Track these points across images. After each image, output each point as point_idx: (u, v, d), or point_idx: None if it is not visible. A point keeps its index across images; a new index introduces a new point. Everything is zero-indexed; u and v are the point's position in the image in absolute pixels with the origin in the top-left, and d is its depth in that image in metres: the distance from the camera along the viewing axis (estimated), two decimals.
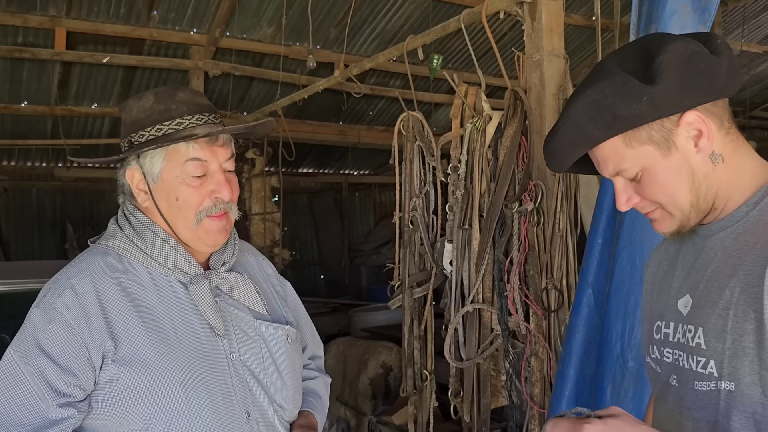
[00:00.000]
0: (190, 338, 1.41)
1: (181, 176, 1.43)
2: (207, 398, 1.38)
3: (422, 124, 3.19)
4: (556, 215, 2.51)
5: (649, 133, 1.11)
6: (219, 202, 1.46)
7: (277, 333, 1.55)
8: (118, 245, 1.46)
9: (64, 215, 9.22)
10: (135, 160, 1.46)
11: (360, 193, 11.87)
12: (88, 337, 1.33)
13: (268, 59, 6.51)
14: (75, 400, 1.32)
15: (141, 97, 1.49)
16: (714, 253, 1.13)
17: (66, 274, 1.41)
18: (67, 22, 5.58)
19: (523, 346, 2.62)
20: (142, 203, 1.49)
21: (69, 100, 6.66)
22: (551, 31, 2.54)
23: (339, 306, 8.53)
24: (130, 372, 1.34)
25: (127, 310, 1.38)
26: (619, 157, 1.13)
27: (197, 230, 1.45)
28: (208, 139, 1.44)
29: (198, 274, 1.47)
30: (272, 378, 1.51)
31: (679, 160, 1.11)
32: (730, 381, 1.05)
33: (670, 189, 1.12)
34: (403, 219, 3.27)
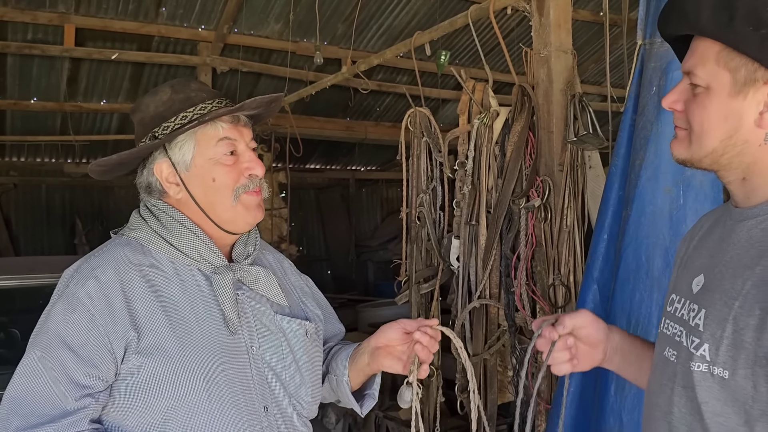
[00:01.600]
0: (213, 330, 1.40)
1: (215, 157, 1.45)
2: (228, 391, 1.37)
3: (429, 120, 3.19)
4: (563, 211, 2.51)
5: (740, 66, 1.05)
6: (254, 178, 1.48)
7: (297, 328, 1.55)
8: (142, 236, 1.45)
9: (73, 211, 9.26)
10: (162, 154, 1.46)
11: (367, 189, 11.87)
12: (110, 328, 1.32)
13: (276, 55, 6.52)
14: (95, 391, 1.32)
15: (156, 92, 1.50)
16: (738, 239, 1.11)
17: (89, 263, 1.40)
18: (76, 18, 5.61)
19: (530, 341, 2.62)
20: (175, 196, 1.48)
21: (78, 96, 6.69)
22: (559, 27, 2.53)
23: (346, 301, 8.53)
24: (153, 363, 1.33)
25: (150, 301, 1.37)
26: (703, 60, 1.09)
27: (237, 207, 1.46)
28: (232, 119, 1.47)
29: (222, 265, 1.46)
30: (291, 372, 1.50)
31: (737, 110, 1.07)
32: (724, 369, 1.04)
33: (707, 123, 1.10)
34: (410, 215, 3.28)
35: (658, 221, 1.96)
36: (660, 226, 1.95)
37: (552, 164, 2.54)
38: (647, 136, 1.99)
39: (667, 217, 1.95)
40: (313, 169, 10.74)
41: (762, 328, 1.00)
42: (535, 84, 2.60)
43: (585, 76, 7.30)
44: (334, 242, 11.48)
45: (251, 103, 1.50)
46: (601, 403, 2.08)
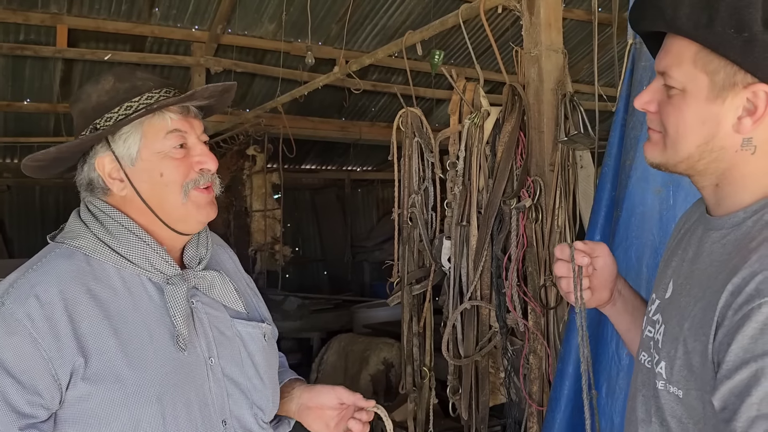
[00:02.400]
0: (167, 346, 1.31)
1: (163, 150, 1.35)
2: (183, 410, 1.30)
3: (421, 120, 3.18)
4: (554, 211, 2.49)
5: (719, 69, 1.01)
6: (205, 172, 1.39)
7: (254, 331, 1.48)
8: (86, 245, 1.32)
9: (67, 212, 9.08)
10: (104, 147, 1.35)
11: (362, 190, 11.86)
12: (55, 353, 1.21)
13: (270, 56, 6.51)
14: (38, 420, 1.21)
15: (98, 81, 1.38)
16: (705, 252, 1.09)
17: (28, 279, 1.27)
18: (69, 19, 5.58)
19: (522, 343, 2.60)
20: (119, 192, 1.37)
21: (71, 97, 6.64)
22: (549, 26, 2.51)
23: (341, 302, 8.53)
24: (103, 389, 1.23)
25: (98, 321, 1.26)
26: (678, 61, 1.05)
27: (187, 205, 1.37)
28: (182, 110, 1.37)
29: (175, 275, 1.36)
30: (252, 379, 1.44)
31: (714, 115, 1.03)
32: (678, 388, 1.04)
33: (683, 128, 1.05)
34: (402, 216, 3.26)
35: (648, 222, 1.95)
36: (650, 226, 1.94)
37: (543, 164, 2.52)
38: (637, 136, 1.97)
39: (657, 217, 1.94)
40: (308, 170, 10.72)
41: (704, 355, 0.99)
42: (526, 83, 2.58)
43: (579, 76, 7.29)
44: (329, 243, 11.47)
45: (202, 92, 1.40)
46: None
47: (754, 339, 0.91)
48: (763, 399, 0.89)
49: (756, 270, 0.94)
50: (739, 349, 0.92)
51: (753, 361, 0.90)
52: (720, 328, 0.96)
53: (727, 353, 0.93)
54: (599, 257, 1.31)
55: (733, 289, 0.95)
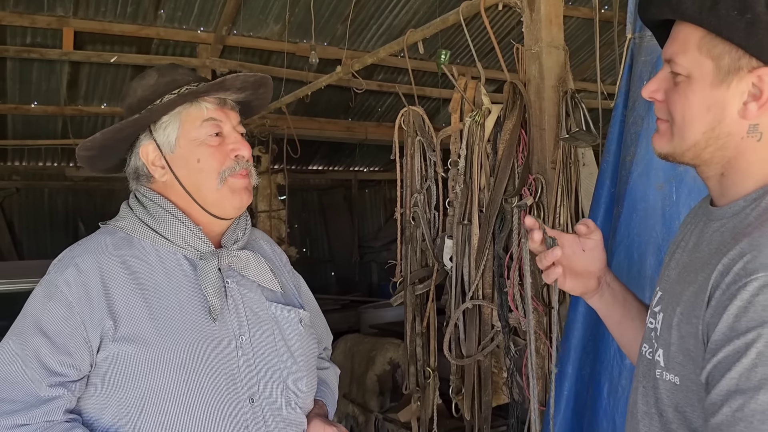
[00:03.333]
0: (197, 319, 1.38)
1: (199, 137, 1.44)
2: (209, 382, 1.35)
3: (423, 119, 3.16)
4: (556, 209, 2.46)
5: (724, 53, 1.01)
6: (240, 159, 1.46)
7: (291, 315, 1.53)
8: (127, 225, 1.45)
9: (76, 214, 9.28)
10: (147, 136, 1.46)
11: (370, 190, 11.86)
12: (87, 316, 1.31)
13: (276, 56, 6.50)
14: (68, 379, 1.30)
15: (143, 77, 1.50)
16: (704, 241, 1.09)
17: (71, 252, 1.41)
18: (75, 21, 5.60)
19: (524, 342, 2.58)
20: (160, 178, 1.47)
21: (78, 99, 6.69)
22: (550, 23, 2.49)
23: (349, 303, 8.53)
24: (130, 352, 1.31)
25: (131, 290, 1.36)
26: (684, 47, 1.05)
27: (222, 191, 1.44)
28: (218, 102, 1.47)
29: (208, 252, 1.44)
30: (285, 361, 1.47)
31: (720, 101, 1.02)
32: (674, 375, 1.04)
33: (689, 115, 1.05)
34: (405, 215, 3.24)
35: (650, 219, 1.92)
36: (652, 223, 1.91)
37: (544, 162, 2.50)
38: (638, 131, 1.94)
39: (660, 214, 1.90)
40: (315, 171, 10.73)
41: (697, 336, 0.99)
42: (527, 81, 2.56)
43: (587, 75, 7.24)
44: (337, 243, 11.47)
45: (233, 80, 1.47)
46: (594, 406, 2.03)
47: (738, 317, 0.91)
48: (742, 374, 0.89)
49: (744, 250, 0.94)
50: (724, 327, 0.93)
51: (736, 338, 0.91)
52: (709, 308, 0.97)
53: (714, 332, 0.94)
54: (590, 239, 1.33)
55: (723, 269, 0.96)
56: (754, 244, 0.94)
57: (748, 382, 0.88)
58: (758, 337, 0.88)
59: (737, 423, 0.88)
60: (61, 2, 5.36)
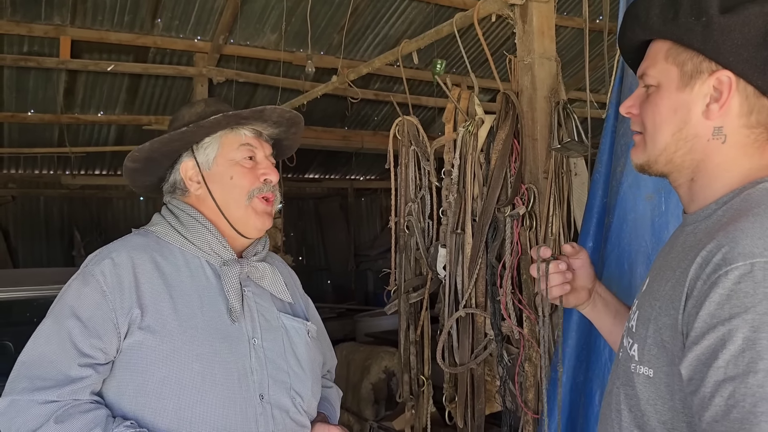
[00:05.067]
0: (215, 319, 1.50)
1: (235, 158, 1.61)
2: (222, 376, 1.46)
3: (417, 129, 3.18)
4: (548, 219, 2.48)
5: (687, 60, 1.09)
6: (268, 183, 1.63)
7: (299, 326, 1.67)
8: (159, 229, 1.61)
9: (71, 223, 9.28)
10: (189, 155, 1.63)
11: (366, 199, 11.87)
12: (118, 304, 1.44)
13: (272, 65, 6.53)
14: (96, 362, 1.42)
15: (192, 105, 1.70)
16: (678, 244, 1.13)
17: (108, 248, 1.55)
18: (72, 30, 5.62)
19: (518, 351, 2.60)
20: (195, 192, 1.63)
21: (75, 108, 6.71)
22: (542, 34, 2.52)
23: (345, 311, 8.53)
24: (153, 340, 1.43)
25: (158, 285, 1.49)
26: (654, 61, 1.13)
27: (248, 209, 1.60)
28: (254, 133, 1.66)
29: (231, 259, 1.58)
30: (293, 366, 1.59)
31: (685, 102, 1.09)
32: (648, 368, 1.07)
33: (659, 119, 1.12)
34: (399, 224, 3.26)
35: (640, 228, 1.94)
36: (642, 233, 1.93)
37: (537, 172, 2.52)
38: (628, 142, 1.97)
39: (649, 224, 1.93)
40: (311, 179, 10.75)
41: (674, 328, 1.01)
42: (520, 91, 2.58)
43: (581, 84, 7.28)
44: (333, 252, 11.48)
45: (271, 111, 1.65)
46: (586, 413, 2.05)
47: (721, 304, 0.93)
48: (729, 362, 0.90)
49: (722, 243, 0.97)
50: (706, 316, 0.94)
51: (720, 325, 0.92)
52: (689, 299, 0.99)
53: (696, 320, 0.96)
54: (578, 259, 1.43)
55: (701, 261, 0.98)
56: (730, 236, 0.97)
57: (736, 368, 0.89)
58: (743, 323, 0.90)
59: (731, 411, 0.89)
60: (58, 11, 5.38)
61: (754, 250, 0.93)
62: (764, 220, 0.97)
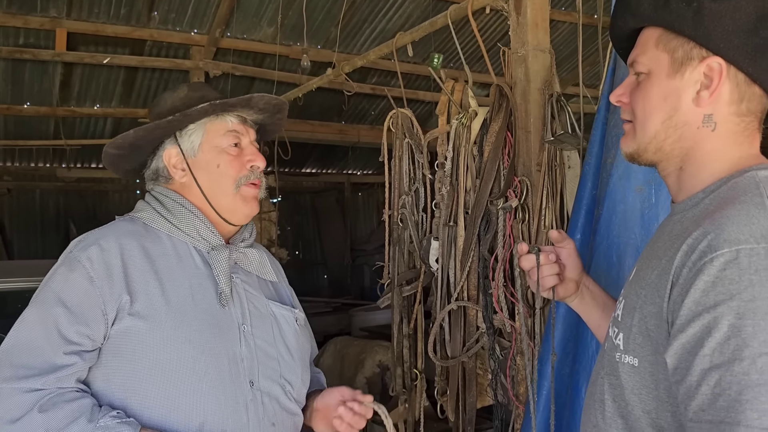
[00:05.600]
0: (205, 304, 1.49)
1: (221, 146, 1.58)
2: (213, 361, 1.44)
3: (411, 121, 3.17)
4: (541, 211, 2.48)
5: (678, 46, 1.08)
6: (255, 169, 1.60)
7: (287, 314, 1.65)
8: (145, 216, 1.57)
9: (67, 215, 9.28)
10: (172, 142, 1.59)
11: (363, 193, 11.86)
12: (107, 290, 1.41)
13: (269, 59, 6.51)
14: (82, 348, 1.39)
15: (174, 90, 1.65)
16: (664, 233, 1.13)
17: (94, 234, 1.51)
18: (68, 23, 5.59)
19: (509, 344, 2.59)
20: (179, 180, 1.59)
21: (71, 100, 6.68)
22: (536, 26, 2.51)
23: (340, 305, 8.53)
24: (143, 326, 1.41)
25: (147, 271, 1.46)
26: (644, 48, 1.13)
27: (236, 196, 1.57)
28: (239, 119, 1.61)
29: (219, 244, 1.56)
30: (282, 354, 1.58)
31: (675, 89, 1.09)
32: (633, 357, 1.06)
33: (649, 107, 1.11)
34: (393, 217, 3.26)
35: (630, 220, 1.93)
36: (631, 225, 1.92)
37: (530, 164, 2.51)
38: (618, 134, 1.95)
39: (639, 216, 1.92)
40: (308, 173, 10.73)
41: (659, 316, 1.00)
42: (513, 83, 2.57)
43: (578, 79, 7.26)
44: (329, 246, 11.47)
45: (259, 99, 1.61)
46: (573, 405, 2.05)
47: (706, 292, 0.92)
48: (715, 349, 0.89)
49: (708, 230, 0.97)
50: (691, 303, 0.94)
51: (706, 313, 0.91)
52: (675, 286, 0.98)
53: (681, 307, 0.95)
54: (564, 248, 1.41)
55: (687, 249, 0.98)
56: (716, 223, 0.96)
57: (722, 356, 0.89)
58: (728, 310, 0.89)
59: (717, 399, 0.88)
60: (54, 3, 5.36)
61: (740, 237, 0.92)
62: (750, 208, 0.96)
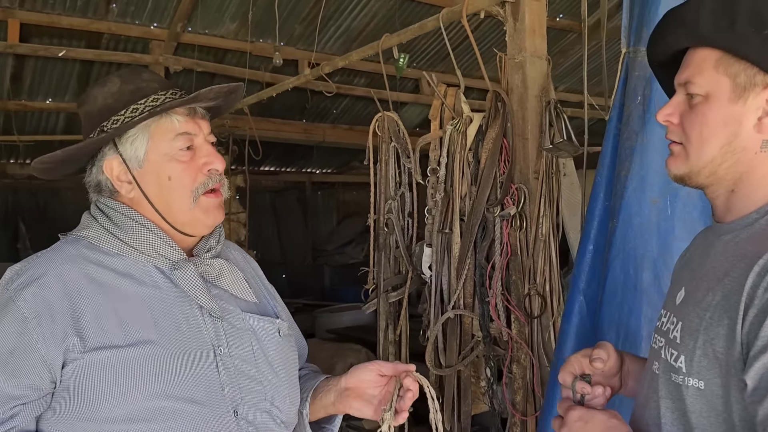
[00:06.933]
0: (171, 330, 1.29)
1: (170, 153, 1.35)
2: (188, 394, 1.26)
3: (398, 125, 3.13)
4: (538, 219, 2.46)
5: (740, 71, 1.06)
6: (213, 173, 1.38)
7: (268, 326, 1.45)
8: (91, 234, 1.35)
9: (16, 214, 8.89)
10: (112, 150, 1.35)
11: (323, 192, 11.76)
12: (48, 332, 1.21)
13: (231, 55, 6.37)
14: (24, 401, 1.21)
15: (104, 83, 1.38)
16: (716, 253, 1.12)
17: (31, 264, 1.29)
18: (21, 13, 5.34)
19: (504, 352, 2.57)
20: (127, 194, 1.37)
21: (22, 94, 6.40)
22: (534, 32, 2.49)
23: (302, 306, 8.42)
24: (100, 365, 1.21)
25: (98, 302, 1.26)
26: (700, 69, 1.10)
27: (195, 211, 1.37)
28: (188, 111, 1.37)
29: (181, 259, 1.35)
30: (265, 374, 1.39)
31: (737, 115, 1.07)
32: (699, 380, 1.05)
33: (707, 132, 1.09)
34: (378, 222, 3.20)
35: (646, 233, 1.93)
36: (647, 237, 1.92)
37: (527, 172, 2.50)
38: (632, 146, 1.95)
39: (655, 228, 1.92)
40: (268, 172, 10.56)
41: (731, 338, 1.00)
42: (510, 90, 2.55)
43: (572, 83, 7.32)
44: (290, 246, 11.34)
45: (207, 93, 1.38)
46: None
47: None
48: None
49: None
50: None
51: None
52: (750, 308, 0.97)
53: (760, 330, 0.94)
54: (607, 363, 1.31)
55: (760, 269, 0.97)
56: None
57: None
58: None
59: None
60: None
61: None
62: None
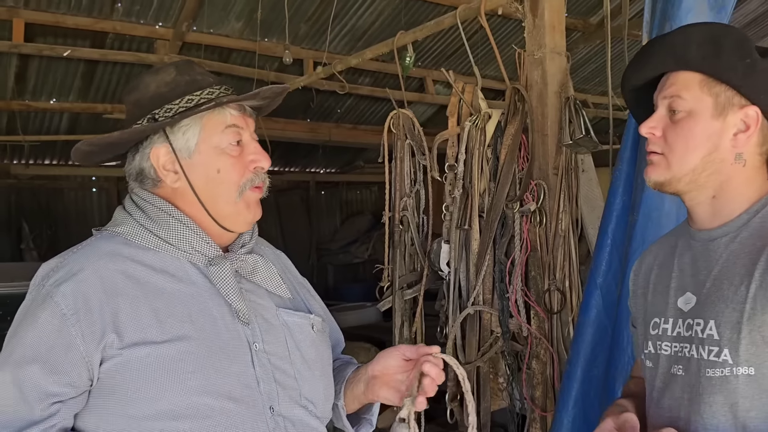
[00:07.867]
0: (208, 327, 1.29)
1: (221, 145, 1.34)
2: (225, 391, 1.26)
3: (413, 122, 3.13)
4: (558, 215, 2.47)
5: (721, 92, 1.22)
6: (259, 171, 1.39)
7: (302, 322, 1.44)
8: (126, 230, 1.34)
9: (19, 214, 8.85)
10: (161, 138, 1.34)
11: (327, 192, 11.76)
12: (87, 329, 1.21)
13: (236, 55, 6.37)
14: (64, 398, 1.21)
15: (158, 72, 1.39)
16: (718, 255, 1.23)
17: (67, 260, 1.29)
18: (26, 13, 5.33)
19: (522, 348, 2.58)
20: (171, 184, 1.36)
21: (26, 94, 6.39)
22: (553, 28, 2.50)
23: None
24: (137, 362, 1.21)
25: (135, 298, 1.25)
26: (686, 87, 1.24)
27: (239, 204, 1.36)
28: (239, 108, 1.37)
29: (217, 255, 1.35)
30: (300, 370, 1.38)
31: (717, 130, 1.22)
32: (748, 366, 1.14)
33: (692, 143, 1.23)
34: (393, 219, 3.20)
35: (665, 227, 1.93)
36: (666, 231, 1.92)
37: (546, 168, 2.50)
38: None
39: (675, 222, 1.91)
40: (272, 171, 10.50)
41: None
42: (529, 86, 2.56)
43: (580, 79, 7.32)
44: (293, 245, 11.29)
45: (266, 91, 1.39)
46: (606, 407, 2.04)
47: None
48: None
49: None
50: None
51: None
52: None
53: None
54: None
55: None
56: None
57: None
58: None
59: None
60: None
61: None
62: None
